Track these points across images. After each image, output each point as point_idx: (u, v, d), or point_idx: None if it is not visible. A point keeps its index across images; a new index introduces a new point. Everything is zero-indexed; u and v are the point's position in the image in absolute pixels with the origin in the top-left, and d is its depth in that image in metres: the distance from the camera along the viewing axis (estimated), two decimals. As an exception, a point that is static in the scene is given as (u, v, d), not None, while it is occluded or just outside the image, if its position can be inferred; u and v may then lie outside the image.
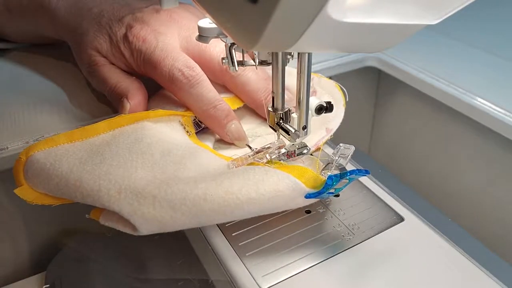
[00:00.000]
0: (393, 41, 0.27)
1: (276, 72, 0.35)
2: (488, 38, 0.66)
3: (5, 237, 0.48)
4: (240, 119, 0.41)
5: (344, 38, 0.25)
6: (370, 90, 0.69)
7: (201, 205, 0.31)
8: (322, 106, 0.37)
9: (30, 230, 0.49)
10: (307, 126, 0.37)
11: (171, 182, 0.32)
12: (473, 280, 0.31)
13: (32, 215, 0.48)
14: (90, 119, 0.45)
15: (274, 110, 0.36)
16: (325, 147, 0.42)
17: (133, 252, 0.45)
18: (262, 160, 0.35)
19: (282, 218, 0.35)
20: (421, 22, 0.25)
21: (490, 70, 0.57)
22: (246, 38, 0.22)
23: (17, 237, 0.49)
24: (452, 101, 0.53)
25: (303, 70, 0.34)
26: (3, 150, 0.41)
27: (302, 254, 0.32)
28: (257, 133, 0.43)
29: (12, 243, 0.49)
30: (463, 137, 0.57)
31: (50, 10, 0.47)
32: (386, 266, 0.32)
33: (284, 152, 0.37)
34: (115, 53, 0.42)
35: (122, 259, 0.46)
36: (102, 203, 0.32)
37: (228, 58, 0.37)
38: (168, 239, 0.34)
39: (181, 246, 0.41)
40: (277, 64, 0.35)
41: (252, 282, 0.30)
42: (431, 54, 0.62)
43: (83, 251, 0.47)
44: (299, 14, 0.20)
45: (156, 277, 0.43)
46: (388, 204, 0.37)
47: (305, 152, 0.37)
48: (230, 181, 0.32)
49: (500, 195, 0.54)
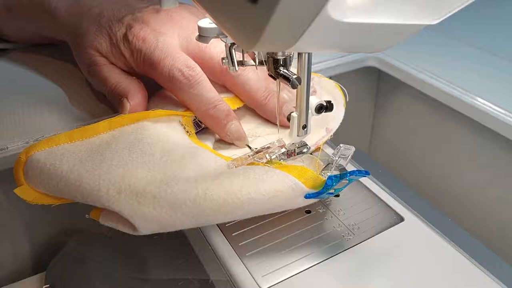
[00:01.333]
0: (393, 41, 0.27)
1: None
2: (488, 38, 0.66)
3: (5, 237, 0.48)
4: (240, 119, 0.41)
5: (344, 38, 0.25)
6: (370, 90, 0.69)
7: (201, 205, 0.31)
8: (322, 105, 0.37)
9: (30, 230, 0.49)
10: (307, 125, 0.37)
11: (171, 182, 0.32)
12: (473, 280, 0.31)
13: (32, 215, 0.48)
14: (90, 119, 0.45)
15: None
16: (325, 147, 0.42)
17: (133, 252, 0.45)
18: (262, 160, 0.35)
19: (282, 218, 0.35)
20: (421, 22, 0.25)
21: (490, 70, 0.57)
22: (246, 38, 0.22)
23: (17, 237, 0.49)
24: (452, 101, 0.53)
25: (303, 70, 0.34)
26: (3, 150, 0.41)
27: (302, 254, 0.32)
28: (257, 133, 0.43)
29: (12, 243, 0.49)
30: (463, 137, 0.57)
31: (50, 10, 0.47)
32: (386, 266, 0.32)
33: (284, 152, 0.37)
34: (115, 53, 0.42)
35: (122, 259, 0.46)
36: (102, 203, 0.32)
37: (228, 58, 0.37)
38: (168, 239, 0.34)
39: (181, 246, 0.41)
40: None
41: (252, 282, 0.30)
42: (431, 54, 0.62)
43: (83, 251, 0.47)
44: (299, 14, 0.20)
45: (156, 277, 0.43)
46: (388, 204, 0.37)
47: (305, 151, 0.37)
48: (230, 181, 0.32)
49: (500, 195, 0.54)
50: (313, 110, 0.36)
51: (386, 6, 0.23)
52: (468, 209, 0.58)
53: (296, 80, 0.33)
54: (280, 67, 0.34)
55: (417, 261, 0.32)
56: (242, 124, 0.41)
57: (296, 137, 0.37)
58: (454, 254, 0.32)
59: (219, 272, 0.33)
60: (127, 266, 0.45)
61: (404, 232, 0.34)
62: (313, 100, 0.36)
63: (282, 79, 0.34)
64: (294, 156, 0.37)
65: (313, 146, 0.39)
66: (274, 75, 0.35)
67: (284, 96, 0.42)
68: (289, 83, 0.33)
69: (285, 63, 0.34)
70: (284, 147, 0.37)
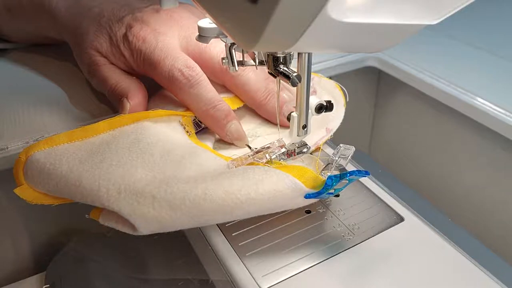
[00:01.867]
0: (393, 41, 0.27)
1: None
2: (488, 38, 0.66)
3: (6, 237, 0.48)
4: (240, 119, 0.41)
5: (344, 38, 0.25)
6: (370, 90, 0.69)
7: (200, 205, 0.31)
8: (322, 105, 0.37)
9: (30, 230, 0.49)
10: (307, 125, 0.37)
11: (171, 182, 0.32)
12: (473, 280, 0.31)
13: (32, 215, 0.48)
14: (90, 119, 0.45)
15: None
16: (325, 147, 0.42)
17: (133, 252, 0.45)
18: (262, 160, 0.35)
19: (282, 218, 0.35)
20: (421, 22, 0.25)
21: (490, 70, 0.57)
22: (246, 38, 0.22)
23: (17, 237, 0.49)
24: (452, 101, 0.53)
25: (303, 70, 0.34)
26: (3, 150, 0.41)
27: (302, 254, 0.32)
28: (257, 133, 0.43)
29: (12, 243, 0.49)
30: (463, 137, 0.57)
31: (50, 10, 0.47)
32: (386, 266, 0.31)
33: (284, 152, 0.37)
34: (115, 53, 0.42)
35: (122, 259, 0.46)
36: (102, 203, 0.32)
37: (228, 58, 0.37)
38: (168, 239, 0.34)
39: (181, 246, 0.41)
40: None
41: (252, 282, 0.30)
42: (431, 54, 0.62)
43: (83, 251, 0.47)
44: (299, 14, 0.20)
45: (156, 277, 0.43)
46: (388, 204, 0.37)
47: (305, 151, 0.37)
48: (229, 181, 0.32)
49: (500, 195, 0.54)
50: (313, 110, 0.36)
51: (386, 6, 0.23)
52: (468, 209, 0.58)
53: (296, 77, 0.33)
54: (280, 65, 0.34)
55: (417, 261, 0.32)
56: (242, 124, 0.41)
57: (296, 137, 0.37)
58: (454, 254, 0.32)
59: (219, 272, 0.33)
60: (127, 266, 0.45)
61: (404, 232, 0.34)
62: (313, 100, 0.36)
63: (282, 77, 0.34)
64: (294, 156, 0.37)
65: (313, 146, 0.39)
66: (274, 73, 0.34)
67: (284, 96, 0.42)
68: (289, 81, 0.33)
69: (285, 61, 0.34)
70: (284, 147, 0.37)
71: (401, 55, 0.61)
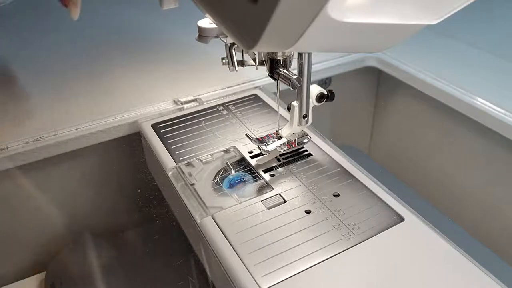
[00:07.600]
0: (393, 41, 0.27)
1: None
2: (488, 38, 0.66)
3: (5, 237, 0.48)
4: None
5: (344, 38, 0.25)
6: (370, 90, 0.69)
7: None
8: (323, 94, 0.36)
9: (30, 230, 0.49)
10: (307, 115, 0.36)
11: None
12: (473, 280, 0.31)
13: (33, 216, 0.48)
14: (90, 119, 0.45)
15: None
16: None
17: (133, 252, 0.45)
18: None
19: (282, 218, 0.35)
20: (421, 22, 0.25)
21: (490, 70, 0.57)
22: (246, 38, 0.22)
23: (17, 237, 0.49)
24: (452, 101, 0.53)
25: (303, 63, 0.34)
26: (3, 150, 0.41)
27: (302, 254, 0.32)
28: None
29: (13, 243, 0.49)
30: (463, 137, 0.57)
31: None
32: (386, 266, 0.32)
33: (284, 142, 0.36)
34: None
35: (122, 259, 0.46)
36: None
37: (228, 58, 0.37)
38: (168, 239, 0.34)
39: (181, 246, 0.41)
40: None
41: (252, 282, 0.30)
42: (431, 54, 0.62)
43: (83, 251, 0.47)
44: (299, 14, 0.20)
45: (156, 277, 0.43)
46: (388, 204, 0.37)
47: (305, 141, 0.37)
48: None
49: (500, 195, 0.54)
50: (314, 99, 0.36)
51: (386, 6, 0.23)
52: (468, 209, 0.58)
53: (296, 80, 0.33)
54: (280, 68, 0.34)
55: (417, 261, 0.32)
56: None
57: (297, 127, 0.37)
58: (454, 254, 0.32)
59: (219, 272, 0.33)
60: (127, 266, 0.45)
61: (404, 232, 0.34)
62: (314, 89, 0.36)
63: (282, 80, 0.34)
64: (294, 146, 0.37)
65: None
66: (274, 76, 0.35)
67: None
68: (289, 84, 0.33)
69: (285, 63, 0.34)
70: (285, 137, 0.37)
71: (401, 55, 0.61)
